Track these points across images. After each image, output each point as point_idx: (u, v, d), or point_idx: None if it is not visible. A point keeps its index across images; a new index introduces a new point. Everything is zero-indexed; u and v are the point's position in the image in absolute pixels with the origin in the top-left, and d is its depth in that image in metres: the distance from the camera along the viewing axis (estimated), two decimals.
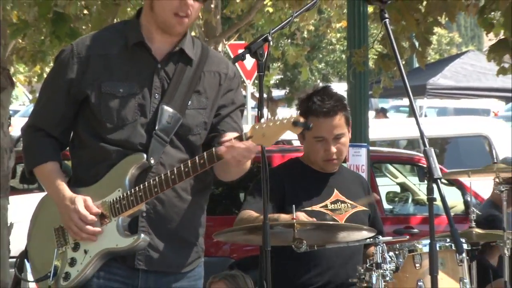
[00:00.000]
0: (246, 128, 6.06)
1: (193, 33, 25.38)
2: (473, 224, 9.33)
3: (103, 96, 6.15)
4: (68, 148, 6.38)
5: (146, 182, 6.10)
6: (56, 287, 6.12)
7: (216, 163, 6.01)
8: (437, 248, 6.35)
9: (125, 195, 6.12)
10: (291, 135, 16.11)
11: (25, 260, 6.95)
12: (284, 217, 7.38)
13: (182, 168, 6.04)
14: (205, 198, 6.41)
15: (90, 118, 6.16)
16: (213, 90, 6.30)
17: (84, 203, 6.04)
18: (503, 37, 11.29)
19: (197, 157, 6.02)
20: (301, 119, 5.74)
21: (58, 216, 6.20)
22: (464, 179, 12.94)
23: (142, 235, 6.13)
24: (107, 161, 6.14)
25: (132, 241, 6.13)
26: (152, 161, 6.13)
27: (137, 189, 6.11)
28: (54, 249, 6.20)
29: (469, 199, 13.19)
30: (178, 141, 6.23)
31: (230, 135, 6.08)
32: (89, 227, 6.05)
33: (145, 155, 6.15)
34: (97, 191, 6.15)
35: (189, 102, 6.25)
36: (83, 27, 11.11)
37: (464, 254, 8.18)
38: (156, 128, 6.17)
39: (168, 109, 6.18)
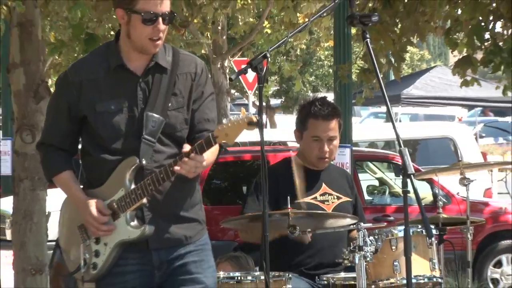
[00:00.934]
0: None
1: (202, 51, 25.36)
2: (440, 210, 9.39)
3: (98, 115, 6.17)
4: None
5: (142, 182, 6.15)
6: (88, 276, 6.17)
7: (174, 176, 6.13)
8: (410, 233, 6.38)
9: (127, 194, 6.17)
10: (287, 137, 16.02)
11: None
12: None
13: (163, 173, 6.11)
14: (197, 179, 6.42)
15: (90, 132, 6.20)
16: (187, 89, 6.31)
17: (96, 207, 6.09)
18: (466, 54, 11.30)
19: (166, 166, 6.12)
20: (254, 119, 5.79)
21: (78, 215, 6.24)
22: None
23: (147, 226, 6.20)
24: (108, 167, 6.19)
25: (141, 232, 6.20)
26: (144, 162, 6.15)
27: (136, 187, 6.17)
28: (80, 244, 6.23)
29: (437, 191, 13.20)
30: (166, 139, 6.26)
31: (187, 147, 6.09)
32: (104, 226, 6.11)
33: (137, 158, 6.18)
34: (105, 192, 6.19)
35: (169, 104, 6.26)
36: None
37: (433, 239, 8.26)
38: (144, 133, 6.19)
39: (152, 115, 6.20)
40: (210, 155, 6.21)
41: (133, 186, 6.17)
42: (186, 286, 6.38)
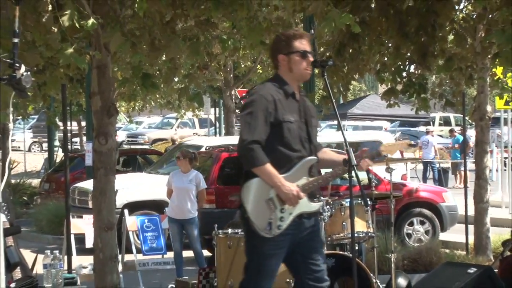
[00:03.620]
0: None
1: (217, 84, 25.35)
2: (373, 189, 9.39)
3: (285, 123, 6.08)
4: None
5: (316, 176, 6.18)
6: (270, 233, 5.98)
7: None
8: (353, 204, 6.34)
9: (307, 181, 6.11)
10: None
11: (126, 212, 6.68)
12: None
13: (331, 174, 6.35)
14: None
15: (278, 134, 6.05)
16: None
17: (298, 191, 5.98)
18: (390, 86, 11.30)
19: (335, 170, 6.33)
20: (412, 143, 6.74)
21: (266, 193, 6.03)
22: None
23: (320, 203, 6.32)
24: (291, 161, 6.07)
25: (318, 207, 6.28)
26: (316, 161, 6.19)
27: (312, 178, 6.13)
28: (268, 212, 6.02)
29: (371, 176, 13.16)
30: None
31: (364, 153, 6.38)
32: (299, 200, 6.02)
33: (316, 158, 6.18)
34: (292, 178, 6.04)
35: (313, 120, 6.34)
36: (158, 81, 11.03)
37: (368, 207, 8.27)
38: (312, 141, 6.21)
39: (313, 129, 6.26)
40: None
41: (310, 177, 6.15)
42: (315, 243, 6.29)
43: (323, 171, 6.36)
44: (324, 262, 6.22)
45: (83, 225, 13.13)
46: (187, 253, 13.23)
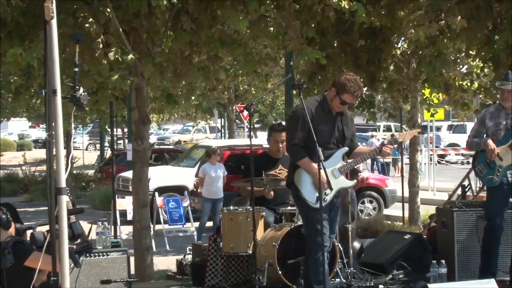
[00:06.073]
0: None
1: (223, 102, 25.29)
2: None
3: (319, 130, 6.05)
4: None
5: (349, 160, 6.26)
6: (317, 205, 5.95)
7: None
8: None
9: (342, 164, 6.19)
10: (264, 142, 15.94)
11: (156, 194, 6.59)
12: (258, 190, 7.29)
13: (360, 158, 6.33)
14: None
15: (312, 137, 5.92)
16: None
17: (327, 179, 5.94)
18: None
19: (361, 156, 6.32)
20: (421, 130, 6.84)
21: (312, 178, 6.07)
22: None
23: (354, 180, 6.44)
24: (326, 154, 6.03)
25: (354, 183, 6.43)
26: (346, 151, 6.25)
27: (345, 162, 6.22)
28: (314, 191, 6.06)
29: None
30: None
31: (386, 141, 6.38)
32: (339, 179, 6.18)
33: (346, 149, 6.24)
34: (331, 163, 6.13)
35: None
36: (179, 99, 11.01)
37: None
38: (345, 141, 6.27)
39: (348, 132, 6.30)
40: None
41: (344, 162, 6.23)
42: (336, 215, 6.36)
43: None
44: (333, 232, 6.37)
45: (125, 204, 13.16)
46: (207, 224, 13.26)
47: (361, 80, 9.90)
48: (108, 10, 7.60)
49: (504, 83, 6.81)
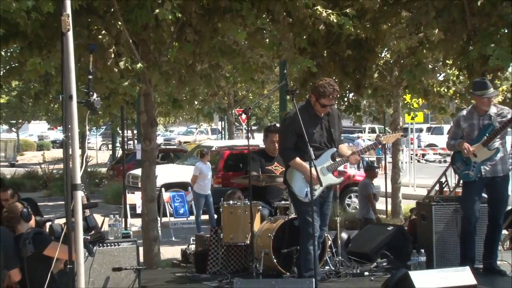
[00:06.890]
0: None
1: (223, 106, 25.27)
2: None
3: (309, 133, 6.02)
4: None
5: (336, 160, 6.22)
6: (306, 199, 5.98)
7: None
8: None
9: (330, 163, 6.19)
10: (260, 142, 15.94)
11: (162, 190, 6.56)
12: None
13: (344, 159, 6.27)
14: None
15: (303, 141, 5.89)
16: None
17: (317, 176, 5.95)
18: (337, 108, 11.23)
19: (345, 157, 6.27)
20: (404, 133, 6.38)
21: (301, 175, 6.08)
22: None
23: (341, 178, 6.43)
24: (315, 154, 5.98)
25: (340, 180, 6.39)
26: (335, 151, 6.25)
27: (333, 161, 6.21)
28: (304, 186, 6.07)
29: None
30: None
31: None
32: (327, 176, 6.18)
33: (335, 149, 6.24)
34: (320, 162, 6.13)
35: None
36: (183, 104, 10.94)
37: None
38: (334, 140, 6.26)
39: (335, 132, 6.28)
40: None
41: (332, 161, 6.21)
42: (328, 209, 6.35)
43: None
44: (324, 225, 6.37)
45: (135, 198, 13.10)
46: (204, 217, 13.25)
47: (348, 86, 10.08)
48: (119, 23, 7.60)
49: (484, 92, 6.82)
